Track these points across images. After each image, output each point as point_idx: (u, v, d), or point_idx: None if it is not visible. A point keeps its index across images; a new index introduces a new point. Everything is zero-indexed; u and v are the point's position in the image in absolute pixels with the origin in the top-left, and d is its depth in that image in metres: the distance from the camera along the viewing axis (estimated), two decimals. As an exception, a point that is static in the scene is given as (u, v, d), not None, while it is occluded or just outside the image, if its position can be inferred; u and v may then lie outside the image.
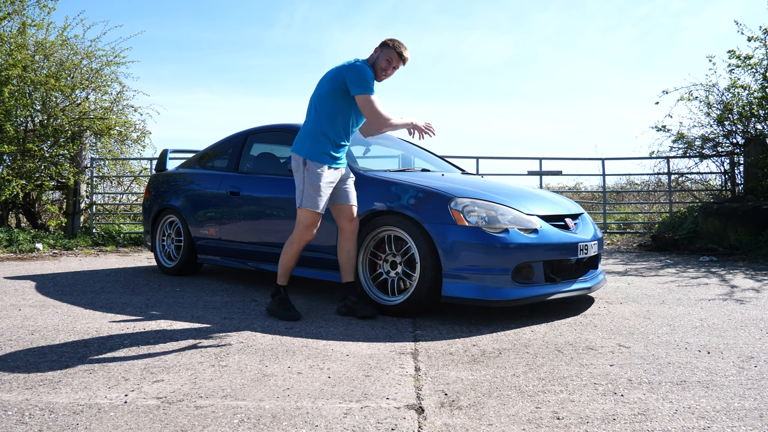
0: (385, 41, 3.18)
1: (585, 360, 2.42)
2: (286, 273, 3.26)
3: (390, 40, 3.17)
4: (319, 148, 3.11)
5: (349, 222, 3.25)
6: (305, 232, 3.13)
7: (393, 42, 3.16)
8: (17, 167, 7.55)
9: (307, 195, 3.08)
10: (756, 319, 3.22)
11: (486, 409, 1.87)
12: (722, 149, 8.42)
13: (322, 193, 3.09)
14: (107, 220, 9.04)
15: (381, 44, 3.18)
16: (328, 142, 3.13)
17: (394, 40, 3.17)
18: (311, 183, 3.08)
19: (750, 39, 7.77)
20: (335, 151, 3.16)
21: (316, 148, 3.11)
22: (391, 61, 3.15)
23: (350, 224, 3.25)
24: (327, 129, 3.12)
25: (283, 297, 3.26)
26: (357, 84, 3.03)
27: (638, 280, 4.77)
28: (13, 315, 3.29)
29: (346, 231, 3.25)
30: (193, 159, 5.18)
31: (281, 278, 3.27)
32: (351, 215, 3.25)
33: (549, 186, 10.14)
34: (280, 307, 3.22)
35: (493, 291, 3.03)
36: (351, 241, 3.27)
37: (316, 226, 3.15)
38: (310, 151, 3.11)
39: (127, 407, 1.87)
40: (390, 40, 3.18)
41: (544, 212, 3.37)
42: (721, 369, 2.29)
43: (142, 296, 3.93)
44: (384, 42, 3.18)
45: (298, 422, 1.75)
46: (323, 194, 3.10)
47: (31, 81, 7.56)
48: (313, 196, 3.07)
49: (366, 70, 3.07)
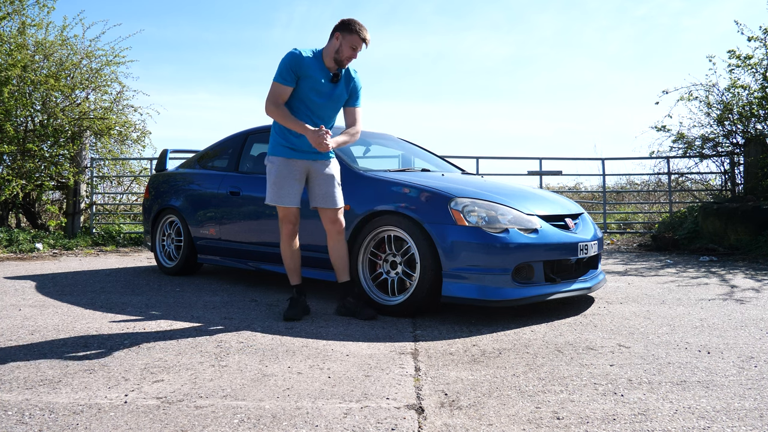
0: (345, 25, 3.03)
1: (585, 360, 2.42)
2: (291, 272, 3.29)
3: (349, 24, 3.03)
4: (273, 141, 3.19)
5: (332, 224, 3.22)
6: (282, 227, 3.20)
7: (353, 25, 3.02)
8: (17, 167, 7.55)
9: (269, 190, 3.16)
10: (756, 319, 3.22)
11: (486, 409, 1.87)
12: (722, 149, 8.42)
13: (283, 185, 3.11)
14: (107, 220, 9.04)
15: (340, 27, 3.04)
16: (281, 133, 3.15)
17: (353, 23, 3.02)
18: (269, 177, 3.17)
19: (750, 39, 7.77)
20: (293, 142, 3.13)
21: (271, 143, 3.21)
22: (356, 48, 3.05)
23: (333, 226, 3.22)
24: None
25: (293, 296, 3.28)
26: (276, 72, 3.07)
27: (638, 280, 4.77)
28: (13, 315, 3.29)
29: (331, 232, 3.24)
30: (193, 159, 5.18)
31: (290, 278, 3.32)
32: (333, 217, 3.21)
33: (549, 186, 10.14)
34: (288, 304, 3.27)
35: (493, 291, 3.03)
36: (338, 241, 3.24)
37: (289, 221, 3.18)
38: (269, 149, 3.21)
39: (127, 407, 1.87)
40: (348, 21, 3.04)
41: (544, 212, 3.37)
42: (721, 369, 2.29)
43: (142, 296, 3.93)
44: (344, 25, 3.03)
45: (298, 422, 1.75)
46: (285, 186, 3.11)
47: (31, 81, 7.56)
48: (273, 190, 3.13)
49: (285, 58, 3.03)
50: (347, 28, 3.03)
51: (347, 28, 3.03)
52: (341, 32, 3.04)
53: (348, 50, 3.05)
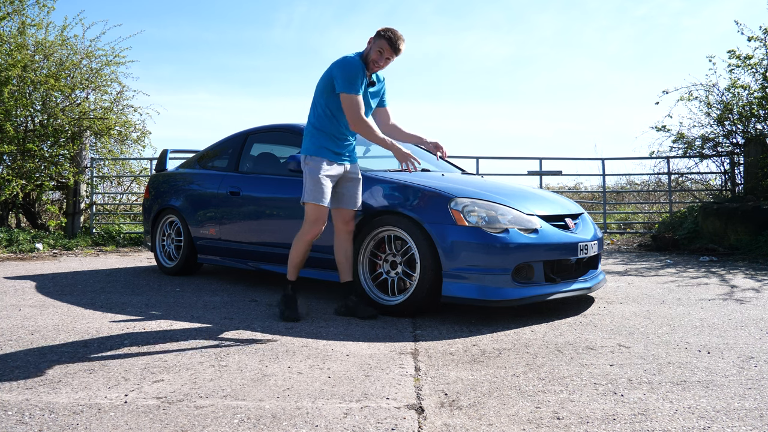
0: (379, 31, 3.06)
1: (585, 360, 2.42)
2: (294, 269, 3.24)
3: (384, 30, 3.05)
4: (316, 143, 3.13)
5: (345, 224, 3.25)
6: (312, 227, 3.12)
7: (386, 32, 3.04)
8: (17, 167, 7.55)
9: (308, 189, 3.09)
10: (756, 319, 3.22)
11: (486, 409, 1.87)
12: (722, 149, 8.42)
13: (324, 185, 3.08)
14: (107, 220, 9.04)
15: (375, 34, 3.08)
16: (326, 136, 3.13)
17: (388, 30, 3.04)
18: (311, 176, 3.09)
19: (750, 39, 7.77)
20: (335, 146, 3.15)
21: (313, 143, 3.14)
22: (383, 52, 3.04)
23: (346, 226, 3.25)
24: (324, 125, 3.13)
25: (290, 294, 3.23)
26: (340, 82, 3.02)
27: (638, 280, 4.77)
28: (13, 315, 3.29)
29: (342, 232, 3.25)
30: (193, 159, 5.18)
31: (290, 273, 3.26)
32: (349, 218, 3.25)
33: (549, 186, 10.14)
34: (284, 304, 3.21)
35: (493, 291, 3.03)
36: (348, 242, 3.26)
37: (323, 221, 3.12)
38: (308, 148, 3.14)
39: (127, 407, 1.87)
40: (384, 29, 3.05)
41: (544, 212, 3.37)
42: (721, 369, 2.29)
43: (142, 296, 3.93)
44: (377, 32, 3.07)
45: (298, 422, 1.75)
46: (325, 186, 3.09)
47: (31, 81, 7.56)
48: (313, 190, 3.07)
49: (352, 67, 3.02)
50: (378, 33, 3.07)
51: (378, 33, 3.07)
52: (374, 36, 3.08)
53: (375, 54, 3.05)
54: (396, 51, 3.06)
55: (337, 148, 3.16)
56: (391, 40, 3.03)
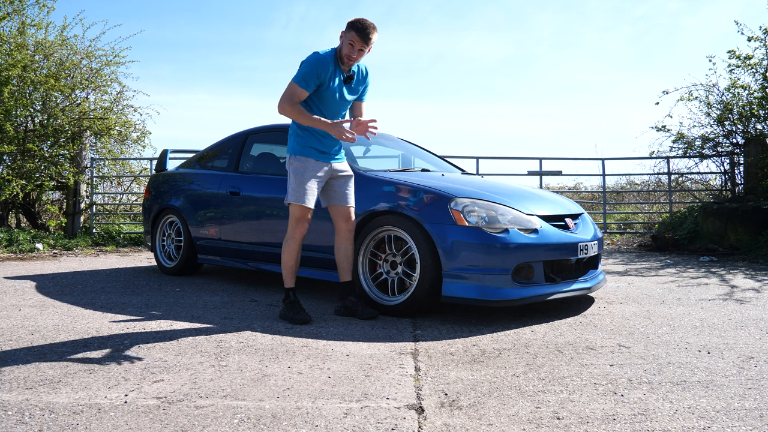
0: (348, 22, 2.98)
1: (585, 360, 2.42)
2: (290, 273, 3.21)
3: (353, 21, 2.96)
4: (302, 143, 3.12)
5: (345, 222, 3.23)
6: (296, 227, 3.12)
7: (355, 23, 2.95)
8: (17, 167, 7.54)
9: (291, 189, 3.09)
10: (756, 319, 3.22)
11: (486, 409, 1.87)
12: (722, 149, 8.42)
13: (308, 186, 3.08)
14: (107, 220, 9.04)
15: (345, 26, 2.99)
16: (311, 135, 3.12)
17: (357, 21, 2.96)
18: (295, 176, 3.09)
19: (750, 39, 7.77)
20: (321, 144, 3.13)
21: (298, 143, 3.13)
22: (354, 44, 2.96)
23: (346, 224, 3.24)
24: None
25: (293, 300, 3.20)
26: (296, 73, 3.02)
27: (638, 280, 4.77)
28: (13, 315, 3.29)
29: (342, 230, 3.24)
30: (193, 159, 5.18)
31: (287, 280, 3.22)
32: (347, 216, 3.24)
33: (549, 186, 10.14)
34: (290, 310, 3.17)
35: (493, 291, 3.03)
36: (348, 240, 3.25)
37: (306, 221, 3.12)
38: (293, 147, 3.14)
39: (127, 407, 1.87)
40: (353, 20, 2.97)
41: (544, 212, 3.37)
42: (721, 369, 2.29)
43: (142, 296, 3.93)
44: (347, 23, 2.98)
45: (298, 422, 1.75)
46: (309, 187, 3.08)
47: (31, 81, 7.56)
48: (297, 190, 3.07)
49: (312, 63, 2.98)
50: (348, 25, 3.00)
51: (348, 25, 3.00)
52: (344, 29, 3.02)
53: (347, 47, 2.99)
54: (366, 41, 2.96)
55: (322, 147, 3.14)
56: (360, 30, 2.93)
